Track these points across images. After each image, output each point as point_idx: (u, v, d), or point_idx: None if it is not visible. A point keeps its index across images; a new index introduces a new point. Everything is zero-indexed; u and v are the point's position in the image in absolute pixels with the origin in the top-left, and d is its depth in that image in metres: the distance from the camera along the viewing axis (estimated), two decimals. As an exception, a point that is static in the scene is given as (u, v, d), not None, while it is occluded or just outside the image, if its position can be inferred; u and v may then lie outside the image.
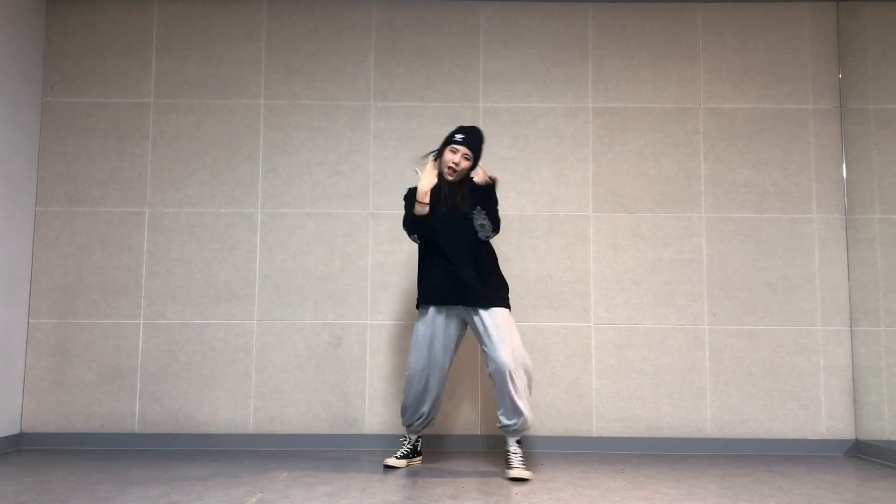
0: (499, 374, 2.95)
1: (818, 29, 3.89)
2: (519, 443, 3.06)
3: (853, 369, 3.69)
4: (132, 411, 3.67)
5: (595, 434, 3.68)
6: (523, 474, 2.92)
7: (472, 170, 3.11)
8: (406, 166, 3.80)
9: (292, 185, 3.81)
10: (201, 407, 3.68)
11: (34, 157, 3.76)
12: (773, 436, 3.66)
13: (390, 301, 3.74)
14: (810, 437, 3.66)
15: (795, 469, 3.23)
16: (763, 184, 3.81)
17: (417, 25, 3.91)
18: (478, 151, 3.11)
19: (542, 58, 3.89)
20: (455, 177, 3.08)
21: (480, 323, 3.00)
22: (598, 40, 3.91)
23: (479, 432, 3.68)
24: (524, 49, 3.90)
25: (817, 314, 3.73)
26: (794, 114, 3.85)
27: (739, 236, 3.78)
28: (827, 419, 3.67)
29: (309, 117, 3.85)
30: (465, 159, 3.08)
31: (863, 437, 3.61)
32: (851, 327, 3.71)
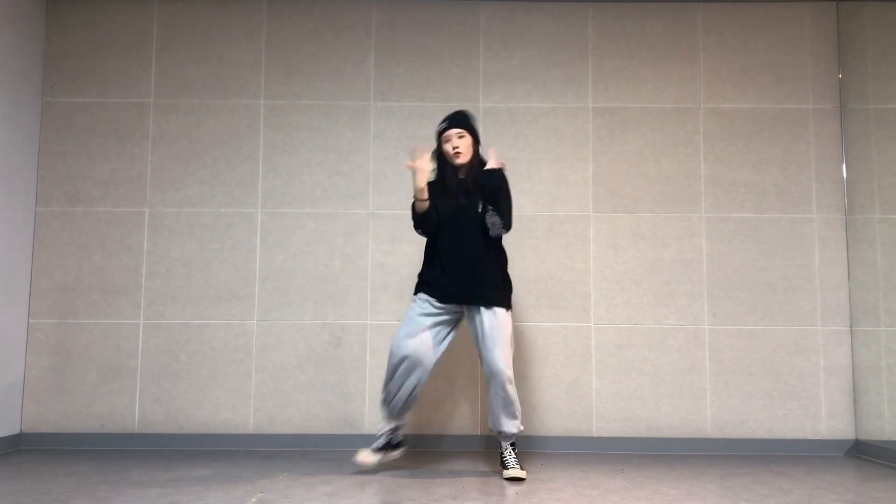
0: (495, 379, 2.92)
1: (818, 29, 3.89)
2: (513, 444, 3.06)
3: (853, 369, 3.69)
4: (132, 411, 3.67)
5: (595, 434, 3.68)
6: (519, 474, 2.93)
7: (478, 146, 3.06)
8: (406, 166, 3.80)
9: (292, 185, 3.81)
10: (201, 407, 3.68)
11: (34, 157, 3.77)
12: (773, 436, 3.66)
13: (390, 301, 3.74)
14: (810, 437, 3.66)
15: (795, 469, 3.23)
16: (763, 184, 3.81)
17: (417, 25, 3.91)
18: (468, 126, 3.03)
19: (542, 58, 3.89)
20: (462, 158, 2.99)
21: (481, 323, 2.95)
22: (598, 40, 3.91)
23: (479, 432, 3.67)
24: (524, 49, 3.90)
25: (817, 314, 3.73)
26: (794, 114, 3.85)
27: (739, 236, 3.78)
28: (827, 419, 3.67)
29: (309, 117, 3.85)
30: (460, 137, 2.99)
31: (863, 437, 3.61)
32: (851, 327, 3.71)
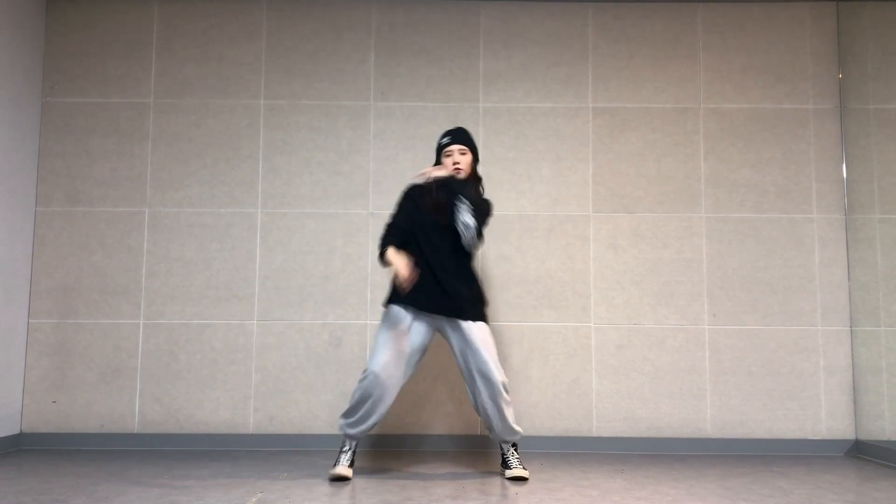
0: (492, 388, 2.87)
1: (818, 29, 3.89)
2: (514, 444, 3.06)
3: (853, 369, 3.69)
4: (132, 411, 3.67)
5: (595, 434, 3.68)
6: (522, 473, 2.93)
7: (476, 164, 3.08)
8: (406, 166, 3.80)
9: (292, 185, 3.81)
10: (201, 407, 3.68)
11: (34, 157, 3.77)
12: (773, 436, 3.66)
13: (390, 301, 3.74)
14: (810, 437, 3.66)
15: (795, 469, 3.23)
16: (763, 184, 3.81)
17: (417, 25, 3.91)
18: (469, 143, 3.06)
19: (542, 58, 3.89)
20: (462, 175, 3.02)
21: (468, 335, 2.89)
22: (598, 40, 3.91)
23: (479, 432, 3.67)
24: (524, 49, 3.90)
25: (817, 314, 3.73)
26: (794, 114, 3.85)
27: (739, 236, 3.78)
28: (827, 419, 3.67)
29: (309, 117, 3.85)
30: (462, 153, 3.03)
31: (863, 437, 3.61)
32: (851, 327, 3.71)
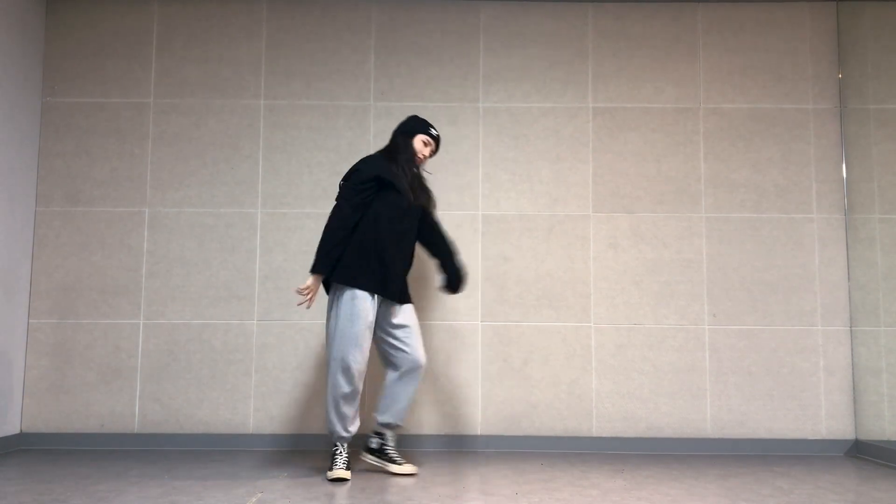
0: (414, 373, 2.99)
1: (818, 29, 3.89)
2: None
3: (853, 369, 3.69)
4: (132, 411, 3.67)
5: (595, 434, 3.68)
6: (412, 469, 3.00)
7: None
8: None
9: (292, 185, 3.81)
10: (201, 407, 3.68)
11: (34, 157, 3.77)
12: (773, 436, 3.66)
13: (390, 301, 3.74)
14: (810, 437, 3.66)
15: (795, 469, 3.23)
16: (763, 184, 3.81)
17: (417, 25, 3.90)
18: (438, 149, 3.26)
19: (542, 58, 3.89)
20: (423, 165, 3.20)
21: (403, 318, 3.00)
22: (598, 40, 3.91)
23: (479, 432, 3.68)
24: (524, 49, 3.90)
25: (817, 314, 3.73)
26: (794, 114, 3.85)
27: (739, 236, 3.78)
28: (827, 419, 3.67)
29: (309, 117, 3.85)
30: (431, 154, 3.21)
31: (863, 437, 3.61)
32: (851, 327, 3.71)
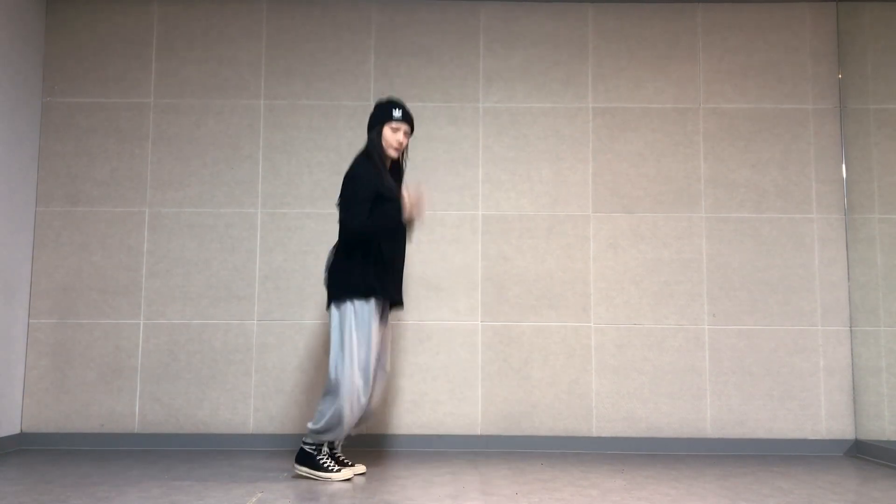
0: (385, 379, 3.00)
1: (818, 29, 3.89)
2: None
3: (853, 369, 3.69)
4: (132, 411, 3.67)
5: (595, 434, 3.68)
6: (351, 473, 2.95)
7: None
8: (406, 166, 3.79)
9: (292, 185, 3.81)
10: (201, 407, 3.68)
11: (34, 157, 3.77)
12: (773, 436, 3.66)
13: (390, 301, 3.74)
14: (810, 437, 3.66)
15: (795, 469, 3.23)
16: (763, 184, 3.81)
17: (417, 25, 3.90)
18: (412, 129, 2.97)
19: (542, 58, 3.89)
20: (396, 155, 2.93)
21: (387, 324, 3.00)
22: (598, 40, 3.91)
23: (479, 432, 3.68)
24: (524, 49, 3.90)
25: (817, 314, 3.73)
26: (794, 114, 3.85)
27: (739, 236, 3.78)
28: (827, 419, 3.67)
29: (309, 117, 3.85)
30: (406, 135, 2.92)
31: (863, 437, 3.61)
32: (851, 327, 3.71)
